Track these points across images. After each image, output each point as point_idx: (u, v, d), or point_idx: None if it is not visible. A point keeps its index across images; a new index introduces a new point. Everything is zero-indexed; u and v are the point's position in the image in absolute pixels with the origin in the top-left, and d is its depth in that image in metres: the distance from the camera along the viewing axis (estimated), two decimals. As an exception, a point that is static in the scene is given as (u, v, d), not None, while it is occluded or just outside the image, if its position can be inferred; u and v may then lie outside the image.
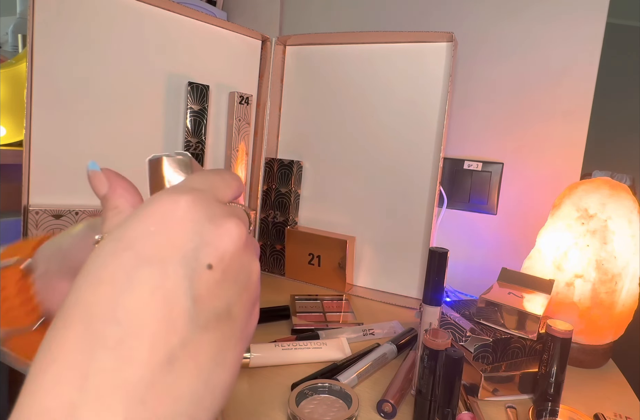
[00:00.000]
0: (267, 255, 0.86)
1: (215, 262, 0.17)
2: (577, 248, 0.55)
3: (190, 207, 0.18)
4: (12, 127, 0.70)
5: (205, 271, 0.17)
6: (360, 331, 0.59)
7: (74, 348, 0.16)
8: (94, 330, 0.16)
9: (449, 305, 0.56)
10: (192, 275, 0.17)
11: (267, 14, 0.98)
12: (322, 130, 0.83)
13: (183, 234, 0.17)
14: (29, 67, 0.56)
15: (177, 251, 0.17)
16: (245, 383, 0.47)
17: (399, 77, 0.75)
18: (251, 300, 0.19)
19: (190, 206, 0.18)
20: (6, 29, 0.94)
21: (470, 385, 0.47)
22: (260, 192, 0.85)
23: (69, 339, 0.16)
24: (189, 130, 0.73)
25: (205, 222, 0.18)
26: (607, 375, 0.55)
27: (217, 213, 0.18)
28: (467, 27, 0.79)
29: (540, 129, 0.75)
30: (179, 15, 0.70)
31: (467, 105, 0.81)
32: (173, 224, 0.17)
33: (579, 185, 0.58)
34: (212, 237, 0.18)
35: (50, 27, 0.57)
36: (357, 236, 0.80)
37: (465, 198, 0.82)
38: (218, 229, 0.18)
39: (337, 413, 0.40)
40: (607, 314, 0.54)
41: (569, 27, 0.72)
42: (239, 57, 0.80)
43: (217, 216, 0.18)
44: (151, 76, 0.69)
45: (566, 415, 0.42)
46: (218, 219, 0.18)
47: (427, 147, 0.74)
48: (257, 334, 0.57)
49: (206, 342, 0.17)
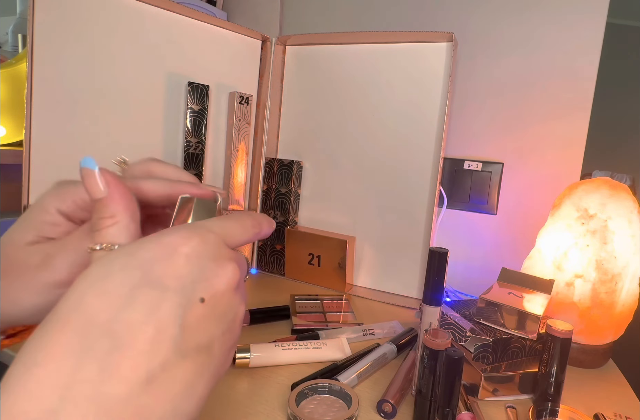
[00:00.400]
0: (267, 255, 0.86)
1: (208, 297, 0.19)
2: (577, 248, 0.55)
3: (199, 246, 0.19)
4: (12, 127, 0.70)
5: (197, 303, 0.18)
6: (360, 331, 0.59)
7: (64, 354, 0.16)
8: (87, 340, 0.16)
9: (449, 305, 0.56)
10: (185, 304, 0.18)
11: (267, 14, 0.98)
12: (322, 130, 0.83)
13: (187, 267, 0.19)
14: (29, 67, 0.56)
15: (178, 281, 0.18)
16: (245, 383, 0.47)
17: (399, 77, 0.75)
18: (231, 342, 0.21)
19: (199, 244, 0.19)
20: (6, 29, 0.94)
21: (470, 385, 0.47)
22: (260, 192, 0.85)
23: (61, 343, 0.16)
24: (189, 130, 0.73)
25: (208, 260, 0.19)
26: (607, 375, 0.55)
27: (221, 255, 0.20)
28: (467, 27, 0.79)
29: (540, 129, 0.75)
30: (179, 15, 0.70)
31: (467, 105, 0.81)
32: (181, 256, 0.19)
33: (579, 185, 0.58)
34: (211, 275, 0.19)
35: (50, 27, 0.57)
36: (357, 236, 0.80)
37: (465, 198, 0.82)
38: (217, 268, 0.20)
39: (337, 413, 0.40)
40: (607, 314, 0.54)
41: (569, 27, 0.72)
42: (239, 57, 0.80)
43: (219, 258, 0.20)
44: (151, 76, 0.69)
45: (566, 415, 0.42)
46: (220, 260, 0.20)
47: (427, 147, 0.74)
48: (257, 334, 0.58)
49: (183, 370, 0.18)
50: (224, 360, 0.20)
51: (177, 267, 0.18)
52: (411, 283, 0.76)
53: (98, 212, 0.21)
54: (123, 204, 0.21)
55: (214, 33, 0.75)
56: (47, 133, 0.59)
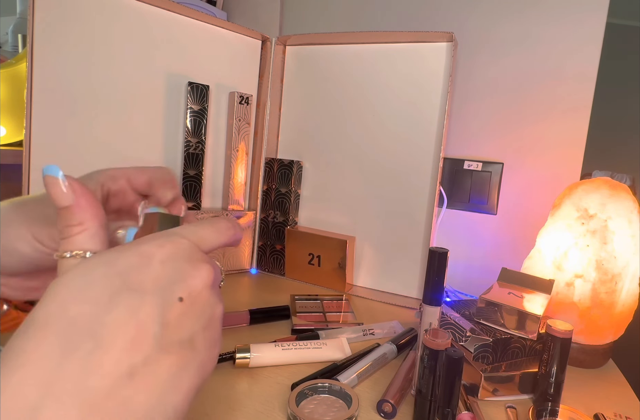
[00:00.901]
0: (267, 255, 0.86)
1: (185, 295, 0.20)
2: (577, 248, 0.55)
3: (173, 251, 0.21)
4: (12, 127, 0.70)
5: (176, 302, 0.20)
6: (360, 331, 0.59)
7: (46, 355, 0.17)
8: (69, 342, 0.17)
9: (449, 305, 0.56)
10: (164, 304, 0.19)
11: (267, 14, 0.98)
12: (322, 130, 0.83)
13: (163, 271, 0.20)
14: (29, 67, 0.56)
15: (155, 283, 0.19)
16: (245, 383, 0.47)
17: (399, 77, 0.75)
18: (213, 338, 0.22)
19: (173, 250, 0.21)
20: (6, 29, 0.94)
21: (470, 385, 0.47)
22: (260, 192, 0.85)
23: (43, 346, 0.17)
24: (189, 130, 0.73)
25: (183, 263, 0.21)
26: (607, 375, 0.55)
27: (195, 258, 0.21)
28: (467, 27, 0.79)
29: (540, 129, 0.75)
30: (179, 15, 0.70)
31: (467, 105, 0.81)
32: (157, 262, 0.20)
33: (579, 185, 0.58)
34: (186, 276, 0.21)
35: (50, 27, 0.57)
36: (357, 236, 0.80)
37: (465, 198, 0.82)
38: (192, 270, 0.21)
39: (337, 413, 0.40)
40: (607, 314, 0.54)
41: (569, 27, 0.72)
42: (239, 57, 0.80)
43: (193, 260, 0.21)
44: (151, 76, 0.69)
45: (566, 415, 0.42)
46: (194, 262, 0.21)
47: (427, 147, 0.74)
48: (257, 334, 0.58)
49: (166, 364, 0.19)
50: (208, 356, 0.21)
51: (154, 272, 0.20)
52: (411, 283, 0.76)
53: (65, 220, 0.21)
54: (91, 211, 0.21)
55: (214, 33, 0.75)
56: (47, 133, 0.59)
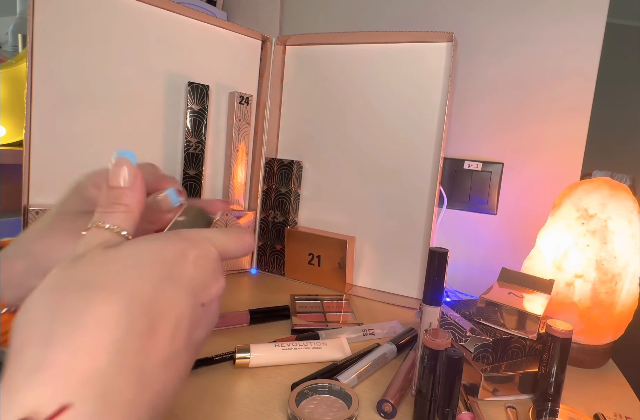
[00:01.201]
0: (267, 255, 0.86)
1: (206, 302, 0.23)
2: (577, 248, 0.55)
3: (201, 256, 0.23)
4: (12, 127, 0.70)
5: (199, 307, 0.22)
6: (360, 331, 0.59)
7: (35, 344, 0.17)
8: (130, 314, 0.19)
9: (449, 305, 0.56)
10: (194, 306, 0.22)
11: (267, 14, 0.98)
12: (322, 130, 0.83)
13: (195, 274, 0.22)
14: (29, 67, 0.56)
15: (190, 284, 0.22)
16: (245, 383, 0.47)
17: (399, 77, 0.75)
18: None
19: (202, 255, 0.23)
20: (6, 29, 0.94)
21: (470, 385, 0.47)
22: (260, 192, 0.85)
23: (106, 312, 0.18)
24: (189, 130, 0.73)
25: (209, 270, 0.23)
26: (607, 375, 0.55)
27: (218, 269, 0.24)
28: (467, 27, 0.79)
29: (540, 128, 0.75)
30: (179, 15, 0.70)
31: (467, 105, 0.81)
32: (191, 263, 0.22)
33: (579, 185, 0.58)
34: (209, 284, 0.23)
35: (50, 27, 0.57)
36: (357, 236, 0.80)
37: (465, 198, 0.82)
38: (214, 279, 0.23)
39: (337, 413, 0.40)
40: (607, 314, 0.54)
41: (569, 27, 0.72)
42: (239, 57, 0.80)
43: (217, 271, 0.24)
44: (151, 76, 0.69)
45: (566, 415, 0.42)
46: (216, 273, 0.24)
47: (427, 147, 0.73)
48: (257, 334, 0.58)
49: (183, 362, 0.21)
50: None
51: (189, 272, 0.22)
52: (411, 283, 0.76)
53: (115, 198, 0.23)
54: (140, 198, 0.24)
55: (214, 33, 0.75)
56: (47, 133, 0.59)
